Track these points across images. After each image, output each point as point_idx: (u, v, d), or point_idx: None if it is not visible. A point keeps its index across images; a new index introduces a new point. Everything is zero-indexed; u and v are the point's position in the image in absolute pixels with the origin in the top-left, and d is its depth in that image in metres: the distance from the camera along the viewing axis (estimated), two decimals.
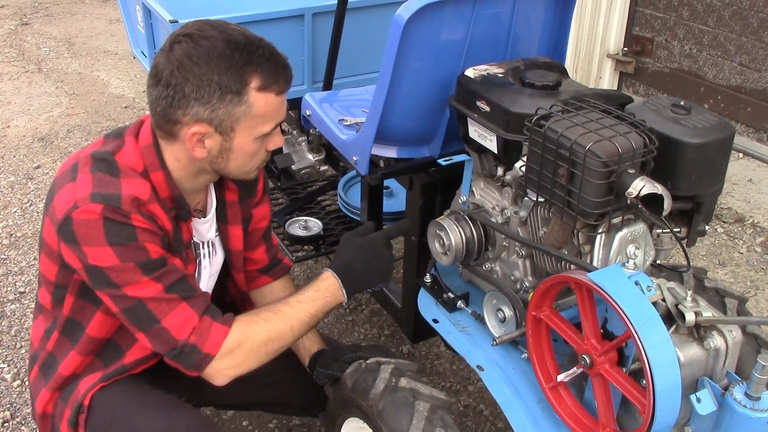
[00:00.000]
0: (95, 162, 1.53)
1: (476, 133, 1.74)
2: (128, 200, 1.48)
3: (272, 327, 1.63)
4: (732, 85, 4.24)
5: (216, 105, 1.48)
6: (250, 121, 1.51)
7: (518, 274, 1.75)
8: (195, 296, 1.56)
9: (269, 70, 1.49)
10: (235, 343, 1.58)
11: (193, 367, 1.56)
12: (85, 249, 1.47)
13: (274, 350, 1.65)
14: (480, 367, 1.72)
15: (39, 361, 1.75)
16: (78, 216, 1.45)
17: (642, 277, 1.37)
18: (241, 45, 1.48)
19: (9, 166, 4.19)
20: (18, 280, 3.19)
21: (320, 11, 2.79)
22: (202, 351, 1.54)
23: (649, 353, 1.27)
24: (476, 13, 1.79)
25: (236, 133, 1.53)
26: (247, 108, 1.49)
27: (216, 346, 1.55)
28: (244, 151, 1.56)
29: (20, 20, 6.73)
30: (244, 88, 1.48)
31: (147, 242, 1.50)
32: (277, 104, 1.54)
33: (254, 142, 1.56)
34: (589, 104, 1.55)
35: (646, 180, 1.38)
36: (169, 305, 1.52)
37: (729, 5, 4.15)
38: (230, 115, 1.49)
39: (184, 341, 1.53)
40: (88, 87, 5.33)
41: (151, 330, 1.52)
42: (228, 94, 1.47)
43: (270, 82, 1.50)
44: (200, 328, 1.54)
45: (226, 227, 1.81)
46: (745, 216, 3.71)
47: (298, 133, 3.20)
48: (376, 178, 2.02)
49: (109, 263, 1.47)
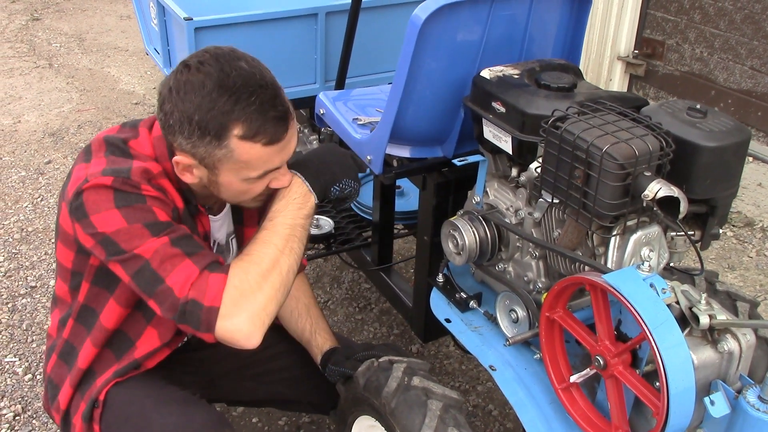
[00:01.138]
0: (109, 146, 1.56)
1: (491, 133, 1.75)
2: (138, 172, 1.49)
3: (260, 258, 1.52)
4: (743, 88, 4.24)
5: (196, 143, 1.45)
6: (233, 164, 1.47)
7: (531, 275, 1.75)
8: (199, 253, 1.49)
9: (255, 121, 1.43)
10: (236, 292, 1.46)
11: (203, 327, 1.45)
12: (93, 219, 1.46)
13: (279, 281, 1.52)
14: (492, 367, 1.72)
15: (57, 349, 1.75)
16: (87, 187, 1.46)
17: (657, 280, 1.38)
18: (231, 89, 1.42)
19: (20, 161, 4.21)
20: (29, 274, 3.21)
21: (334, 10, 2.79)
22: (204, 304, 1.44)
23: (664, 355, 1.27)
24: (493, 14, 1.79)
25: (220, 171, 1.49)
26: (228, 152, 1.45)
27: (217, 297, 1.44)
28: (233, 188, 1.53)
29: (31, 15, 6.75)
30: (225, 133, 1.43)
31: (155, 207, 1.48)
32: (264, 154, 1.47)
33: (243, 183, 1.52)
34: (605, 106, 1.56)
35: (662, 183, 1.38)
36: (172, 262, 1.45)
37: (741, 9, 4.14)
38: (210, 155, 1.46)
39: (184, 298, 1.44)
40: (98, 83, 5.35)
41: (158, 293, 1.46)
42: (207, 136, 1.44)
43: (254, 133, 1.44)
44: (198, 282, 1.45)
45: (242, 229, 1.82)
46: (754, 220, 3.71)
47: (309, 132, 3.20)
48: (389, 178, 2.03)
49: (117, 226, 1.45)
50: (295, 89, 2.85)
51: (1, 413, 2.49)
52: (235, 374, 1.97)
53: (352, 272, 3.27)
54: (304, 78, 2.88)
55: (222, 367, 1.95)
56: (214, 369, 1.94)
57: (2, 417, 2.47)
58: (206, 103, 1.42)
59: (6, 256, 3.33)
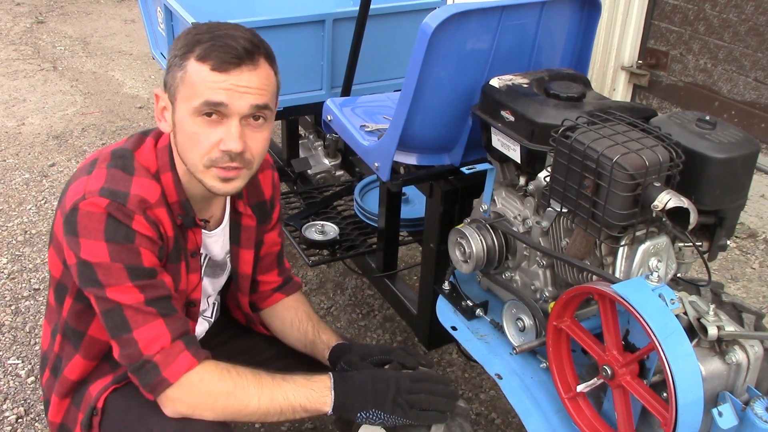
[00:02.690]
0: (113, 158, 1.57)
1: (499, 142, 1.75)
2: (135, 200, 1.50)
3: (241, 385, 1.55)
4: (746, 100, 4.25)
5: (170, 69, 1.52)
6: (184, 89, 1.49)
7: (538, 283, 1.76)
8: (173, 316, 1.54)
9: (212, 45, 1.48)
10: (197, 380, 1.52)
11: (148, 388, 1.52)
12: (81, 241, 1.47)
13: (233, 410, 1.55)
14: (499, 375, 1.72)
15: (50, 363, 1.76)
16: (84, 207, 1.47)
17: (666, 290, 1.38)
18: (215, 26, 1.52)
19: (24, 163, 4.21)
20: (33, 276, 3.21)
21: (341, 17, 2.80)
22: (161, 374, 1.50)
23: (672, 366, 1.27)
24: (502, 23, 1.80)
25: (177, 103, 1.52)
26: (183, 74, 1.49)
27: (176, 375, 1.51)
28: (182, 128, 1.52)
29: (36, 18, 6.77)
30: (187, 54, 1.49)
31: (142, 247, 1.50)
32: (208, 79, 1.47)
33: (190, 119, 1.50)
34: (615, 117, 1.56)
35: (672, 193, 1.39)
36: (144, 318, 1.50)
37: (745, 21, 4.16)
38: (174, 78, 1.51)
39: (148, 357, 1.50)
40: (102, 86, 5.36)
41: (122, 338, 1.51)
42: (176, 58, 1.51)
43: (206, 54, 1.47)
44: (169, 351, 1.51)
45: (238, 249, 1.83)
46: (757, 231, 3.71)
47: (314, 138, 3.21)
48: (396, 185, 2.03)
49: (99, 259, 1.47)
50: (302, 95, 2.86)
51: (4, 416, 2.48)
52: None
53: (356, 278, 3.27)
54: (311, 84, 2.89)
55: None
56: None
57: (5, 419, 2.47)
58: (188, 36, 1.52)
59: (9, 259, 3.33)
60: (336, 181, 3.16)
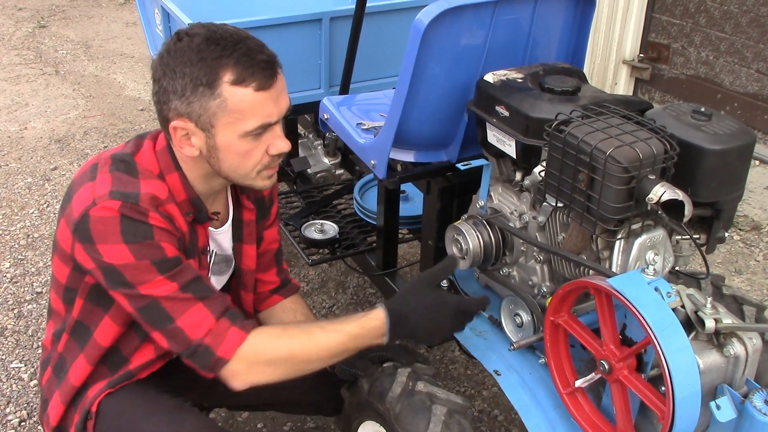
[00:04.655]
0: (114, 162, 1.56)
1: (495, 137, 1.74)
2: (146, 198, 1.49)
3: (297, 345, 1.58)
4: (749, 92, 4.23)
5: (190, 98, 1.45)
6: (227, 116, 1.46)
7: (536, 279, 1.75)
8: (211, 297, 1.54)
9: (244, 64, 1.44)
10: (251, 351, 1.54)
11: (207, 369, 1.54)
12: (99, 247, 1.47)
13: (295, 369, 1.60)
14: (497, 371, 1.72)
15: (52, 362, 1.76)
16: (95, 213, 1.46)
17: (662, 283, 1.37)
18: (219, 40, 1.45)
19: (26, 167, 4.22)
20: (35, 280, 3.22)
21: (338, 16, 2.79)
22: (216, 354, 1.52)
23: (669, 360, 1.26)
24: (496, 18, 1.79)
25: (216, 129, 1.48)
26: (221, 102, 1.45)
27: (230, 351, 1.52)
28: (231, 150, 1.51)
29: (38, 23, 6.79)
30: (216, 80, 1.43)
31: (163, 241, 1.50)
32: (256, 101, 1.46)
33: (241, 141, 1.49)
34: (610, 110, 1.55)
35: (666, 186, 1.38)
36: (183, 305, 1.50)
37: (747, 12, 4.14)
38: (206, 109, 1.46)
39: (198, 341, 1.51)
40: (104, 89, 5.37)
41: (167, 329, 1.51)
42: (200, 86, 1.44)
43: (245, 77, 1.44)
44: (216, 331, 1.52)
45: (241, 246, 1.83)
46: (761, 224, 3.69)
47: (314, 137, 3.20)
48: (393, 182, 2.03)
49: (124, 261, 1.46)
50: (300, 94, 2.85)
51: (7, 419, 2.49)
52: None
53: (357, 277, 3.26)
54: (309, 83, 2.88)
55: None
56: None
57: (8, 423, 2.47)
58: (195, 54, 1.44)
59: (12, 263, 3.34)
60: (336, 179, 3.15)
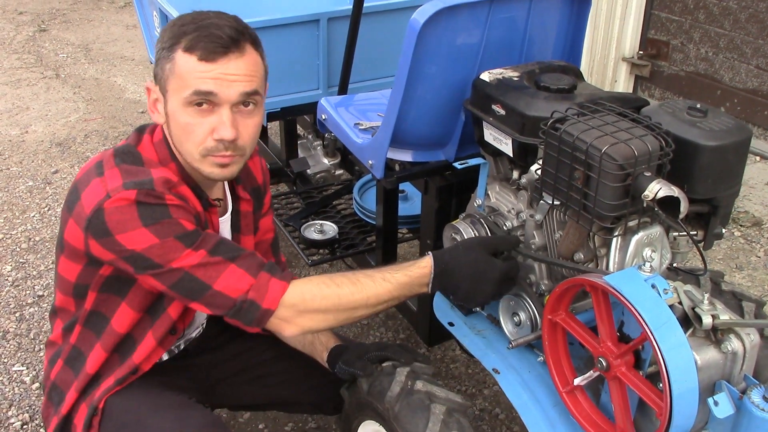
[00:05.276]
0: (119, 155, 1.58)
1: (491, 136, 1.75)
2: (160, 182, 1.52)
3: (345, 292, 1.59)
4: (749, 88, 4.22)
5: (159, 62, 1.55)
6: (174, 81, 1.52)
7: (534, 277, 1.75)
8: (241, 256, 1.55)
9: (200, 33, 1.49)
10: (298, 299, 1.56)
11: (254, 323, 1.55)
12: (119, 238, 1.48)
13: (344, 317, 1.61)
14: (496, 370, 1.72)
15: (63, 355, 1.75)
16: (110, 205, 1.47)
17: (658, 280, 1.37)
18: (196, 14, 1.54)
19: (27, 170, 4.23)
20: (36, 283, 3.22)
21: (335, 16, 2.79)
22: (262, 306, 1.53)
23: (666, 356, 1.26)
24: (491, 17, 1.79)
25: (168, 95, 1.54)
26: (172, 66, 1.51)
27: (275, 301, 1.54)
28: (176, 119, 1.54)
29: (38, 26, 6.80)
30: (174, 45, 1.51)
31: (181, 218, 1.51)
32: (197, 69, 1.49)
33: (183, 111, 1.52)
34: (605, 107, 1.55)
35: (662, 183, 1.38)
36: (216, 269, 1.51)
37: (746, 8, 4.13)
38: (164, 71, 1.53)
39: (242, 298, 1.52)
40: (105, 92, 5.38)
41: (205, 297, 1.52)
42: (164, 50, 1.53)
43: (194, 44, 1.49)
44: (258, 284, 1.53)
45: (239, 237, 1.84)
46: (762, 220, 3.69)
47: (313, 138, 3.21)
48: (391, 182, 2.03)
49: (148, 243, 1.48)
50: (299, 95, 2.86)
51: (9, 422, 2.50)
52: (233, 378, 1.98)
53: None
54: (307, 84, 2.88)
55: (220, 372, 1.96)
56: (212, 374, 1.95)
57: (10, 426, 2.48)
58: (174, 27, 1.54)
59: (13, 266, 3.35)
60: (335, 180, 3.15)
